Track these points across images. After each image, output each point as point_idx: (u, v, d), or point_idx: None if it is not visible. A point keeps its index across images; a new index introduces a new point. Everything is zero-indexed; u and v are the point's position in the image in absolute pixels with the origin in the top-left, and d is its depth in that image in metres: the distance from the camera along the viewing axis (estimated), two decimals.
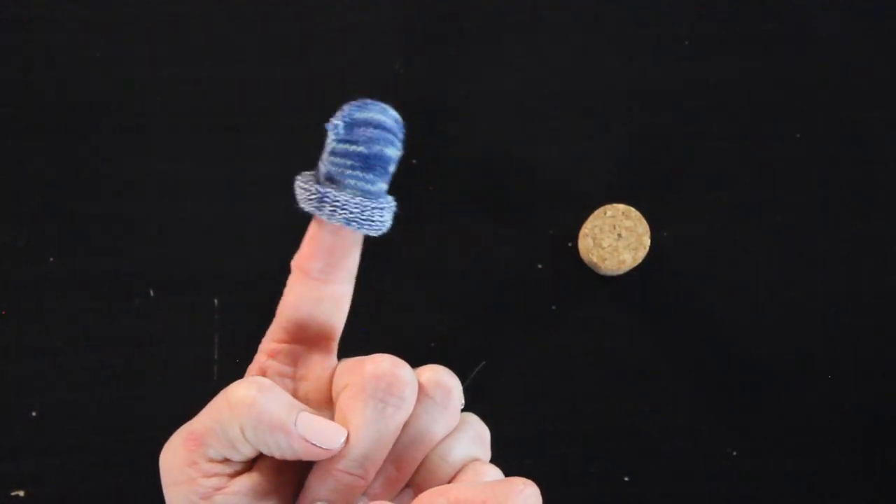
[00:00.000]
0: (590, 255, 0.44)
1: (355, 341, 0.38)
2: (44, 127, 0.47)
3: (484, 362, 0.45)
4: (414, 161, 0.47)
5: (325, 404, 0.33)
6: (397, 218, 0.47)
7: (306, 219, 0.47)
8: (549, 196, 0.47)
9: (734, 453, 0.45)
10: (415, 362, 0.46)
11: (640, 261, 0.44)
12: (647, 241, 0.44)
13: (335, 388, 0.32)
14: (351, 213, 0.34)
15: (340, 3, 0.49)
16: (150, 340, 0.45)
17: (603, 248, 0.44)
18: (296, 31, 0.48)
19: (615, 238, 0.44)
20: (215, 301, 0.46)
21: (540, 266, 0.46)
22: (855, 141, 0.48)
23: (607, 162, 0.48)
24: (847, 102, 0.48)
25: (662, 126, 0.48)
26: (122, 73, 0.48)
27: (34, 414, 0.44)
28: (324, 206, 0.34)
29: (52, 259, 0.46)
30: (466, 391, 0.34)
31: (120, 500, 0.44)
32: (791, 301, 0.46)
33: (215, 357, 0.45)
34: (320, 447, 0.30)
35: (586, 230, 0.44)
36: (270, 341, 0.34)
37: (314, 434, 0.30)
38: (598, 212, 0.44)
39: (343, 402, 0.31)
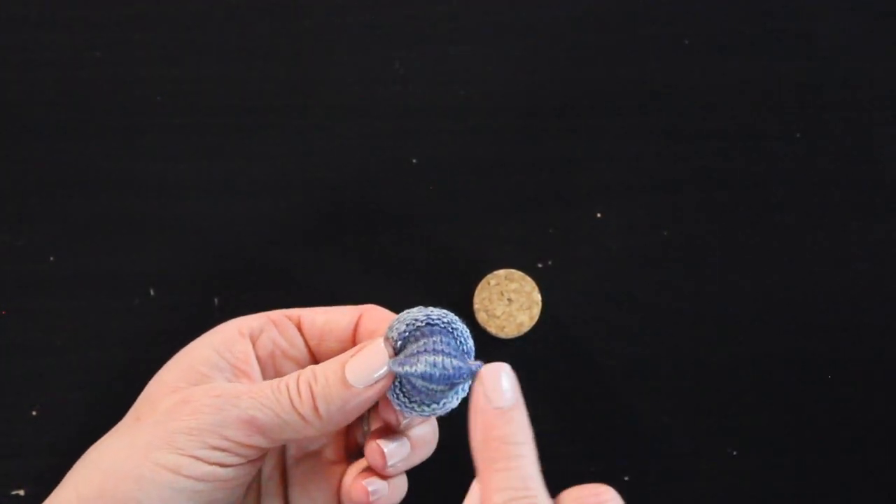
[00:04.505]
0: (487, 326, 0.44)
1: None
2: (44, 127, 0.47)
3: None
4: (414, 161, 0.47)
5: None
6: (397, 218, 0.47)
7: (305, 218, 0.47)
8: (549, 196, 0.47)
9: (734, 453, 0.45)
10: None
11: (536, 319, 0.44)
12: (538, 297, 0.45)
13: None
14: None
15: (340, 3, 0.49)
16: (150, 340, 0.45)
17: (498, 318, 0.44)
18: (296, 31, 0.48)
19: (506, 304, 0.44)
20: (215, 301, 0.46)
21: (540, 265, 0.46)
22: (855, 140, 0.48)
23: (607, 161, 0.48)
24: (847, 102, 0.48)
25: (662, 125, 0.48)
26: (122, 73, 0.48)
27: (34, 413, 0.44)
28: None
29: (52, 259, 0.46)
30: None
31: None
32: (791, 301, 0.46)
33: None
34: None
35: (477, 304, 0.45)
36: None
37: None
38: (482, 283, 0.45)
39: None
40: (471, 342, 0.34)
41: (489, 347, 0.45)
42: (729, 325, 0.46)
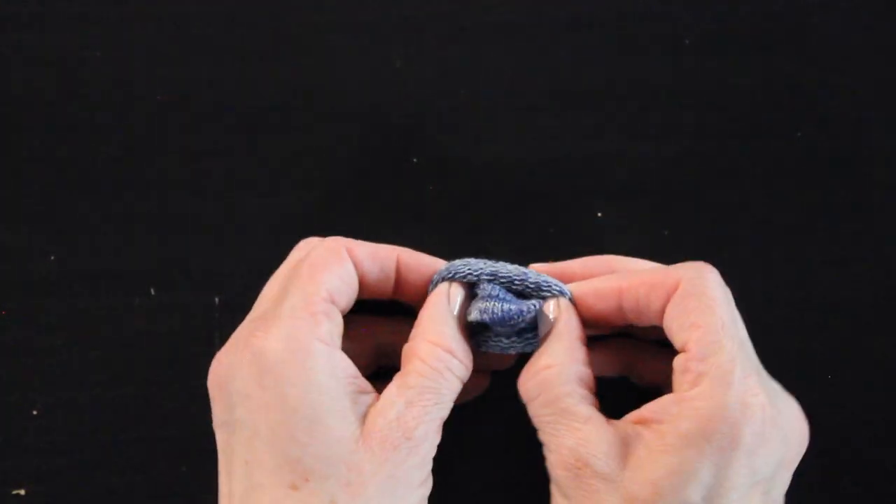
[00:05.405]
0: None
1: None
2: (44, 127, 0.47)
3: None
4: (414, 160, 0.47)
5: None
6: (397, 218, 0.47)
7: (305, 218, 0.47)
8: (549, 196, 0.47)
9: None
10: None
11: None
12: None
13: None
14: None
15: (340, 3, 0.49)
16: (150, 340, 0.45)
17: None
18: (296, 31, 0.48)
19: None
20: (215, 300, 0.46)
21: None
22: (855, 141, 0.48)
23: (607, 161, 0.48)
24: (847, 102, 0.48)
25: (662, 125, 0.48)
26: (122, 73, 0.48)
27: (35, 413, 0.44)
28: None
29: (52, 259, 0.46)
30: None
31: (120, 499, 0.44)
32: (791, 301, 0.46)
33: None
34: None
35: None
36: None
37: None
38: None
39: None
40: (530, 280, 0.38)
41: None
42: None
